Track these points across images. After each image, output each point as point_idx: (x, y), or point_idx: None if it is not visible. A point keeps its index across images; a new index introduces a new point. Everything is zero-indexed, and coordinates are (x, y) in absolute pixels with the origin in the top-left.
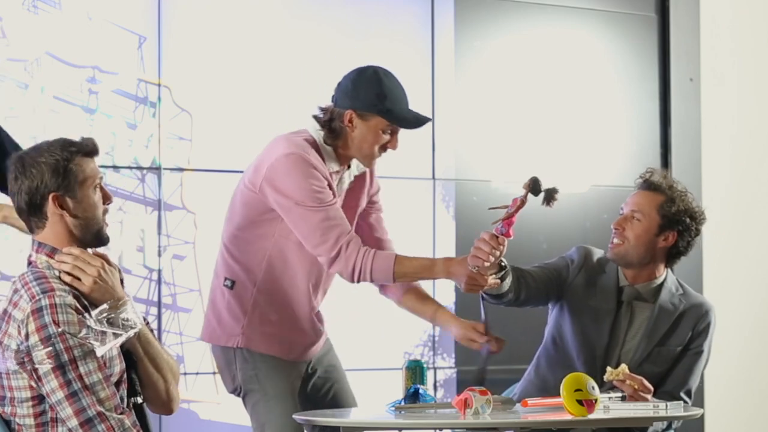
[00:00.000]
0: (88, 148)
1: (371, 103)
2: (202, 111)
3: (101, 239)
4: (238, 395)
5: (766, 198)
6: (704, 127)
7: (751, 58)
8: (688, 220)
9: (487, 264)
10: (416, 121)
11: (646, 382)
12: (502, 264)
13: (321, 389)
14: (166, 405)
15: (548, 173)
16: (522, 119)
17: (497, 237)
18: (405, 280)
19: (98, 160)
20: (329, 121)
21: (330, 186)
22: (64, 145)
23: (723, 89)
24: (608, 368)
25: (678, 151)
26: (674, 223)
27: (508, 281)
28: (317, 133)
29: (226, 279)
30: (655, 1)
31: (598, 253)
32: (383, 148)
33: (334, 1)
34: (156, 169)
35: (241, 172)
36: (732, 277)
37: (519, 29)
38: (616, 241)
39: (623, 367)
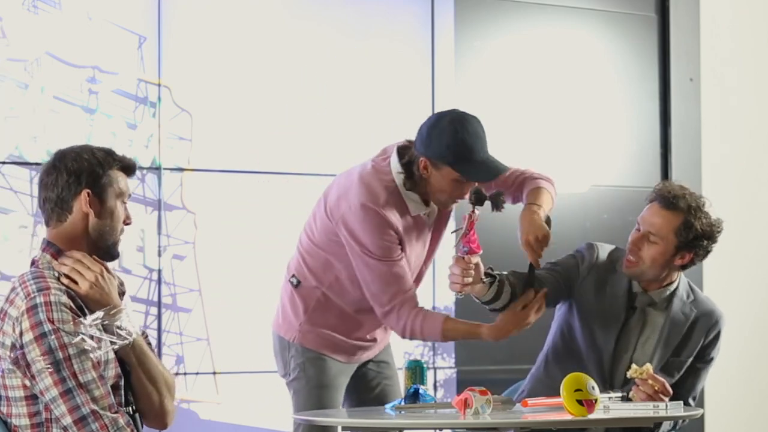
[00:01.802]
0: (128, 163)
1: (441, 154)
2: (202, 111)
3: (113, 253)
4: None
5: (766, 198)
6: (704, 127)
7: (751, 58)
8: (705, 242)
9: (467, 285)
10: (487, 172)
11: (667, 386)
12: (490, 277)
13: (370, 382)
14: (159, 418)
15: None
16: (522, 119)
17: (463, 258)
18: (452, 339)
19: None
20: (409, 164)
21: (401, 242)
22: (109, 152)
23: (723, 89)
24: (633, 365)
25: (678, 151)
26: (691, 246)
27: (507, 290)
28: (399, 176)
29: (293, 276)
30: (655, 1)
31: (607, 249)
32: (459, 196)
33: (334, 1)
34: (156, 169)
35: (241, 172)
36: (732, 277)
37: (519, 29)
38: (631, 258)
39: (648, 366)
